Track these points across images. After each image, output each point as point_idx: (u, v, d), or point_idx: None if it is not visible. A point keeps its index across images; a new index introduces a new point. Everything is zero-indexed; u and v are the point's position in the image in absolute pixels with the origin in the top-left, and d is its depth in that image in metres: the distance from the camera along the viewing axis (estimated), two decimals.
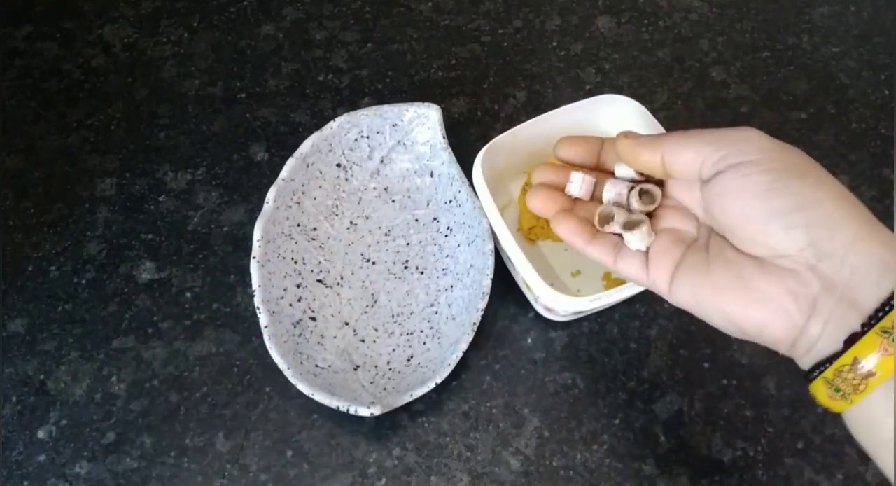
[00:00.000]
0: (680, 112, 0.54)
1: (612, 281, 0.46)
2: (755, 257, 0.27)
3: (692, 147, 0.28)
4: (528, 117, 0.47)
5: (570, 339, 0.46)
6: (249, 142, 0.52)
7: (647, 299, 0.47)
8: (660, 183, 0.33)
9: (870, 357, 0.24)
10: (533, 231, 0.47)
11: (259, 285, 0.42)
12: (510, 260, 0.43)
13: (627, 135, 0.31)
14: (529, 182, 0.48)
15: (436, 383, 0.40)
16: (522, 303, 0.46)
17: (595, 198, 0.34)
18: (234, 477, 0.41)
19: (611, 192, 0.33)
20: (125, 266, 0.48)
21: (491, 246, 0.43)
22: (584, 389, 0.44)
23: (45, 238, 0.49)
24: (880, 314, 0.24)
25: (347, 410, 0.39)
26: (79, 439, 0.42)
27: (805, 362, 0.27)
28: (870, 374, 0.24)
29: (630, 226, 0.31)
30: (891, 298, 0.24)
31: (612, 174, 0.34)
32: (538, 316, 0.46)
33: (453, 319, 0.44)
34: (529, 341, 0.45)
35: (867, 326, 0.24)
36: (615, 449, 0.43)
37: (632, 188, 0.32)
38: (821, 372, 0.26)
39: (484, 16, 0.59)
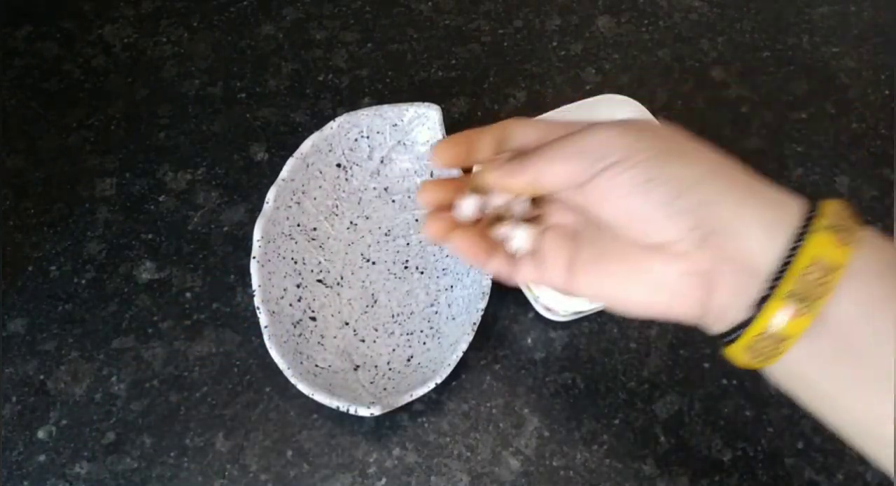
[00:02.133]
0: (680, 112, 0.54)
1: None
2: (646, 245, 0.27)
3: (559, 164, 0.28)
4: (529, 117, 0.47)
5: (570, 339, 0.46)
6: (249, 142, 0.53)
7: None
8: None
9: (778, 322, 0.24)
10: None
11: (259, 285, 0.42)
12: None
13: (489, 166, 0.30)
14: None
15: (436, 384, 0.40)
16: (522, 303, 0.46)
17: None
18: (234, 477, 0.41)
19: (497, 202, 0.32)
20: (125, 266, 0.48)
21: None
22: (583, 389, 0.44)
23: (45, 238, 0.49)
24: (779, 276, 0.24)
25: (347, 410, 0.39)
26: (79, 439, 0.42)
27: (717, 330, 0.27)
28: (783, 338, 0.25)
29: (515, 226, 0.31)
30: (786, 255, 0.24)
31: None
32: (538, 316, 0.46)
33: (453, 319, 0.44)
34: (529, 341, 0.45)
35: (770, 289, 0.25)
36: (615, 449, 0.43)
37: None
38: (736, 338, 0.26)
39: (484, 16, 0.59)
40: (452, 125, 0.53)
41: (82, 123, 0.53)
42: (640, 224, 0.27)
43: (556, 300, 0.39)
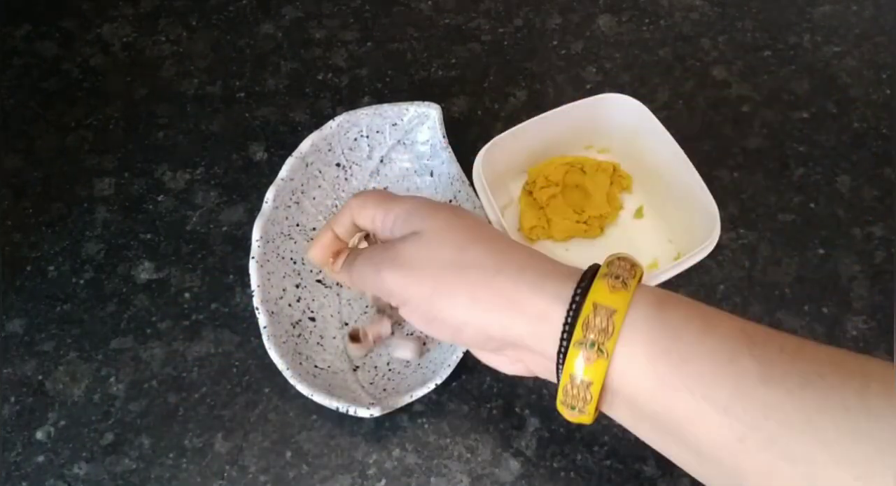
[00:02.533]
0: (681, 111, 0.54)
1: None
2: None
3: (369, 291, 0.37)
4: (529, 116, 0.47)
5: None
6: (248, 141, 0.52)
7: None
8: None
9: (577, 370, 0.27)
10: (534, 231, 0.47)
11: (258, 286, 0.42)
12: None
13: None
14: (530, 182, 0.48)
15: (436, 384, 0.40)
16: None
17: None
18: (233, 478, 0.41)
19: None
20: (124, 266, 0.48)
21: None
22: None
23: (43, 238, 0.48)
24: (569, 331, 0.28)
25: (347, 411, 0.39)
26: (77, 439, 0.42)
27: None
28: (588, 383, 0.27)
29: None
30: (569, 311, 0.28)
31: None
32: None
33: None
34: None
35: (563, 343, 0.28)
36: (616, 450, 0.42)
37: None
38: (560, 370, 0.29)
39: (484, 15, 0.58)
40: (452, 125, 0.53)
41: (81, 123, 0.53)
42: (450, 341, 0.34)
43: None
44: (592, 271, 0.29)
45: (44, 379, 0.44)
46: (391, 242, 0.33)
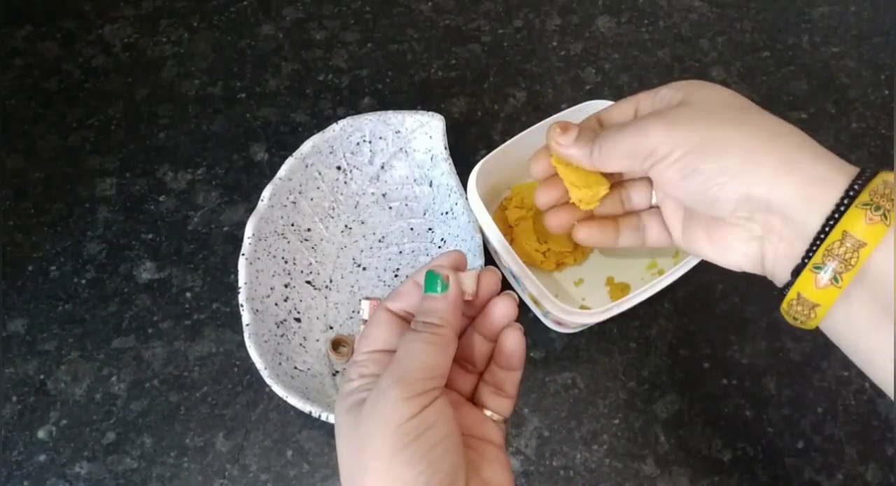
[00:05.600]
0: None
1: (615, 286, 0.46)
2: (711, 216, 0.30)
3: (614, 161, 0.31)
4: (528, 117, 0.47)
5: (570, 339, 0.46)
6: (249, 142, 0.53)
7: (647, 299, 0.47)
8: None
9: (808, 291, 0.26)
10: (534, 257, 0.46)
11: (245, 283, 0.42)
12: (515, 277, 0.43)
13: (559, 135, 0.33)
14: (507, 199, 0.48)
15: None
16: (520, 303, 0.46)
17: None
18: (234, 477, 0.41)
19: None
20: (125, 266, 0.48)
21: (481, 263, 0.42)
22: (584, 389, 0.44)
23: (45, 238, 0.49)
24: (813, 250, 0.26)
25: (319, 416, 0.38)
26: (79, 439, 0.42)
27: (778, 285, 0.29)
28: (814, 305, 0.26)
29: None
30: (820, 231, 0.26)
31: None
32: (537, 317, 0.46)
33: None
34: (529, 341, 0.45)
35: (804, 260, 0.27)
36: (615, 449, 0.43)
37: None
38: (808, 260, 0.27)
39: (484, 16, 0.59)
40: (453, 125, 0.53)
41: (82, 123, 0.53)
42: (699, 204, 0.30)
43: (568, 315, 0.39)
44: (850, 190, 0.27)
45: (45, 379, 0.44)
46: (655, 110, 0.31)
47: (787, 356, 0.45)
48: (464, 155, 0.47)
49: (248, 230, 0.43)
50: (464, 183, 0.44)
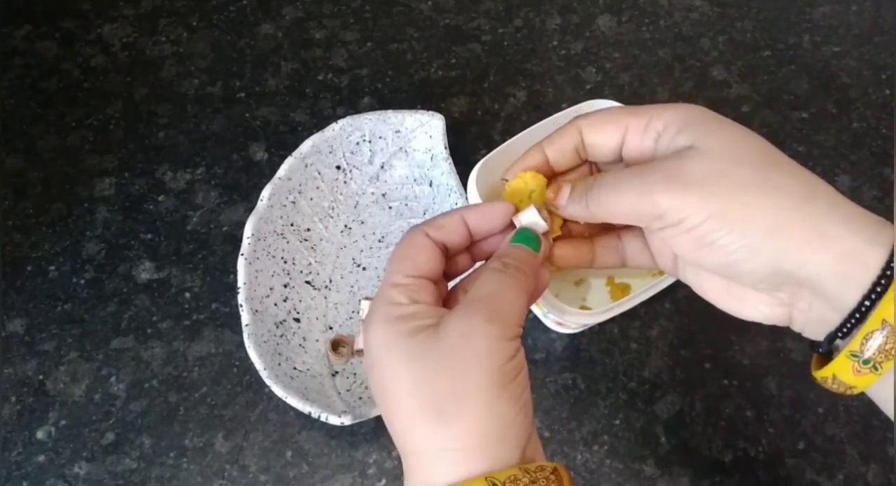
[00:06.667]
0: None
1: (615, 287, 0.46)
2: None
3: (617, 216, 0.28)
4: (529, 117, 0.47)
5: (571, 339, 0.46)
6: (249, 141, 0.52)
7: (648, 299, 0.47)
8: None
9: (842, 375, 0.25)
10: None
11: (244, 283, 0.42)
12: None
13: (557, 191, 0.30)
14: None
15: None
16: None
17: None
18: (234, 478, 0.41)
19: None
20: (124, 266, 0.48)
21: (479, 263, 0.42)
22: (584, 389, 0.44)
23: (44, 238, 0.49)
24: (846, 331, 0.25)
25: (319, 416, 0.38)
26: (78, 439, 0.42)
27: (812, 335, 0.28)
28: (850, 386, 0.25)
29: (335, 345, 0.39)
30: (854, 313, 0.25)
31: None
32: (537, 317, 0.46)
33: None
34: (530, 341, 0.45)
35: (839, 337, 0.25)
36: (616, 450, 0.42)
37: None
38: (843, 335, 0.25)
39: (484, 15, 0.58)
40: (453, 125, 0.53)
41: (81, 123, 0.53)
42: (717, 271, 0.27)
43: (569, 316, 0.39)
44: (885, 270, 0.25)
45: (44, 379, 0.44)
46: (659, 160, 0.27)
47: (788, 357, 0.45)
48: (464, 155, 0.47)
49: (248, 230, 0.43)
50: (464, 183, 0.43)
